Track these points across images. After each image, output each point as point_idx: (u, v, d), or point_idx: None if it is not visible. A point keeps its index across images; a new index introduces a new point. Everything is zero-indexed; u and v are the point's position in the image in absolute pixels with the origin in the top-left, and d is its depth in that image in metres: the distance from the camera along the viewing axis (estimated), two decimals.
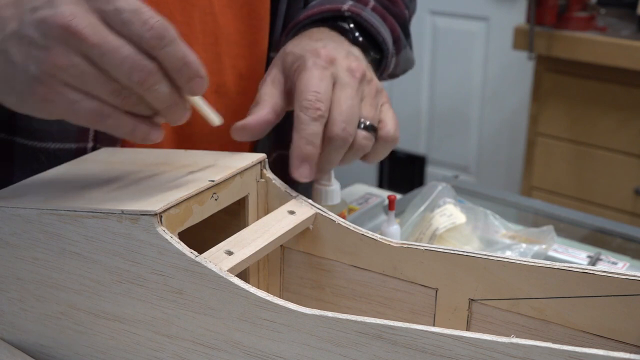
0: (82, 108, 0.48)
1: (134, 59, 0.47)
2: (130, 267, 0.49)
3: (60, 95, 0.48)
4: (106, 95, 0.48)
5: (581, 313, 0.46)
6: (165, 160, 0.58)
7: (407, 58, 0.81)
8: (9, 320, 0.57)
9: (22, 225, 0.52)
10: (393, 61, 0.76)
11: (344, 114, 0.60)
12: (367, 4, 0.75)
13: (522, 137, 2.28)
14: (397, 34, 0.78)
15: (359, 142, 0.62)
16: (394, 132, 0.66)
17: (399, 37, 0.78)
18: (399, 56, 0.78)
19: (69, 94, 0.48)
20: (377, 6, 0.77)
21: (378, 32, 0.72)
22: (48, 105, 0.48)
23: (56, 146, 0.68)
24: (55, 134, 0.67)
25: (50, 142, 0.68)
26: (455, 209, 0.78)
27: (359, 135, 0.62)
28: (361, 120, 0.63)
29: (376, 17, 0.74)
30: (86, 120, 0.49)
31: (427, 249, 0.51)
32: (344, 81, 0.62)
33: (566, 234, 0.89)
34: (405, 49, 0.80)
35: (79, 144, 0.68)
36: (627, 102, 1.78)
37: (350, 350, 0.42)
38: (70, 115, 0.49)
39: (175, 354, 0.49)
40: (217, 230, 0.56)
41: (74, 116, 0.49)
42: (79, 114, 0.48)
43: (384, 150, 0.66)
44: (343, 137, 0.60)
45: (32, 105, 0.49)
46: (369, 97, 0.65)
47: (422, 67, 2.56)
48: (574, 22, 1.81)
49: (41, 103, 0.48)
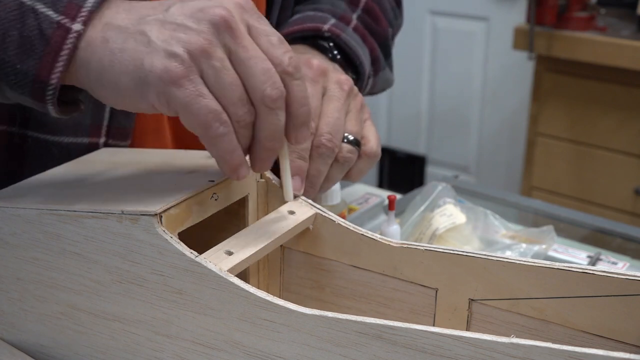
0: (205, 105, 0.46)
1: (273, 74, 0.47)
2: (130, 267, 0.49)
3: (191, 83, 0.45)
4: (231, 103, 0.46)
5: (581, 313, 0.46)
6: (165, 160, 0.58)
7: (385, 79, 0.82)
8: (9, 320, 0.57)
9: (22, 225, 0.52)
10: (370, 82, 0.77)
11: (330, 125, 0.62)
12: (350, 22, 0.77)
13: (522, 137, 2.28)
14: (377, 54, 0.79)
15: (344, 155, 0.64)
16: (377, 149, 0.67)
17: (377, 58, 0.79)
18: (377, 77, 0.79)
19: (200, 85, 0.46)
20: (359, 25, 0.78)
21: (356, 55, 0.74)
22: (172, 89, 0.45)
23: (69, 140, 0.68)
24: (68, 128, 0.68)
25: (63, 136, 0.68)
26: (455, 209, 0.78)
27: (343, 148, 0.64)
28: (345, 135, 0.64)
29: (356, 37, 0.76)
30: (199, 119, 0.46)
31: (427, 249, 0.51)
32: (332, 93, 0.64)
33: (566, 234, 0.89)
34: (384, 70, 0.81)
35: (92, 139, 0.68)
36: (627, 102, 1.79)
37: (350, 350, 0.42)
38: (187, 108, 0.46)
39: (175, 354, 0.49)
40: (217, 230, 0.56)
41: (190, 110, 0.46)
42: (198, 109, 0.46)
43: (366, 166, 0.67)
44: (329, 147, 0.61)
45: (141, 93, 0.46)
46: (354, 111, 0.66)
47: (422, 67, 2.56)
48: (574, 22, 1.81)
49: (167, 86, 0.45)
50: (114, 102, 0.49)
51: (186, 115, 0.46)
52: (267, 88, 0.47)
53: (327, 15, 0.76)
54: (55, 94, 0.48)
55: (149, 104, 0.47)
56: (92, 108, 0.67)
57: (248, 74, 0.47)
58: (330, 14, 0.77)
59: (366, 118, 0.68)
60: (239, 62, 0.47)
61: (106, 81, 0.47)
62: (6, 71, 0.48)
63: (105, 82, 0.47)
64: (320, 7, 0.79)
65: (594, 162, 1.87)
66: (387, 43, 0.82)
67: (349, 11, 0.79)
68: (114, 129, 0.68)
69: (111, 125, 0.68)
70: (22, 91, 0.49)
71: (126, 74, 0.46)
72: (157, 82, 0.45)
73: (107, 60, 0.47)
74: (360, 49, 0.75)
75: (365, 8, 0.80)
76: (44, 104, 0.49)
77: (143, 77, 0.46)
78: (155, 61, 0.45)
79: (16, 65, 0.48)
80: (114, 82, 0.47)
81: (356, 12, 0.79)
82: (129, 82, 0.46)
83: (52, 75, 0.48)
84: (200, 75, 0.46)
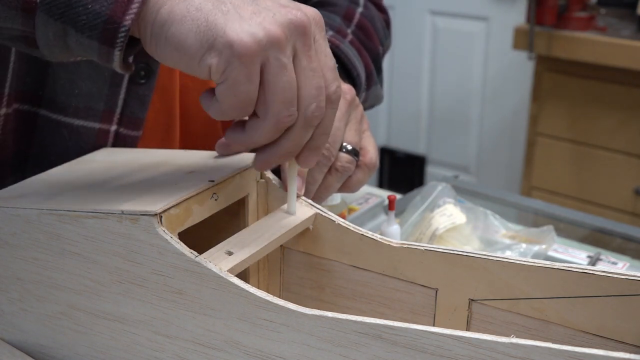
0: (248, 91, 0.46)
1: (322, 93, 0.48)
2: (130, 267, 0.49)
3: (252, 66, 0.45)
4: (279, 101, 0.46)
5: (581, 313, 0.46)
6: (165, 160, 0.58)
7: (376, 94, 0.83)
8: (9, 320, 0.57)
9: (22, 225, 0.52)
10: (362, 96, 0.77)
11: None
12: (346, 36, 0.77)
13: (522, 137, 2.28)
14: (370, 69, 0.80)
15: (342, 164, 0.64)
16: (376, 160, 0.68)
17: (371, 73, 0.80)
18: (369, 91, 0.80)
19: (255, 73, 0.45)
20: (355, 40, 0.79)
21: (353, 66, 0.74)
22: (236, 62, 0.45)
23: (80, 123, 0.68)
24: (81, 110, 0.67)
25: (75, 118, 0.68)
26: (455, 209, 0.78)
27: (342, 158, 0.64)
28: (344, 144, 0.64)
29: (353, 50, 0.77)
30: (236, 101, 0.46)
31: (427, 249, 0.51)
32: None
33: (566, 234, 0.89)
34: (375, 85, 0.82)
35: (103, 125, 0.68)
36: (627, 102, 1.78)
37: (350, 350, 0.42)
38: (236, 85, 0.46)
39: (175, 354, 0.49)
40: (217, 230, 0.56)
41: (237, 88, 0.46)
42: (240, 92, 0.46)
43: (365, 177, 0.67)
44: (326, 155, 0.62)
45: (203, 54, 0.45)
46: (355, 121, 0.67)
47: (422, 67, 2.56)
48: (574, 22, 1.81)
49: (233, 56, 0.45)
50: (168, 57, 0.47)
51: (229, 91, 0.46)
52: (314, 104, 0.47)
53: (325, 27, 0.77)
54: (126, 38, 0.47)
55: (205, 67, 0.46)
56: (106, 93, 0.67)
57: (302, 83, 0.47)
58: (328, 26, 0.77)
59: (365, 129, 0.69)
60: (300, 68, 0.47)
61: (170, 34, 0.46)
62: (77, 11, 0.47)
63: (169, 35, 0.46)
64: None
65: (594, 162, 1.87)
66: (379, 59, 0.83)
67: (344, 26, 0.80)
68: (126, 117, 0.68)
69: (124, 113, 0.68)
70: (91, 33, 0.47)
71: (196, 33, 0.45)
72: (225, 49, 0.45)
73: (179, 13, 0.46)
74: (357, 61, 0.76)
75: (358, 25, 0.82)
76: (111, 50, 0.47)
77: (212, 40, 0.45)
78: (230, 29, 0.45)
79: (88, 5, 0.46)
80: (178, 37, 0.46)
81: (350, 27, 0.80)
82: (194, 41, 0.45)
83: (126, 16, 0.46)
84: (262, 63, 0.46)
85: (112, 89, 0.66)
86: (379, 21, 0.86)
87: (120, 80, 0.68)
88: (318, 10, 0.49)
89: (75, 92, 0.67)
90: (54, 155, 0.68)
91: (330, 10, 0.82)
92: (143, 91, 0.68)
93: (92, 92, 0.67)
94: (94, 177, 0.57)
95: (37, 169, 0.66)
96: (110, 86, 0.60)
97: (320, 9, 0.82)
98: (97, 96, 0.67)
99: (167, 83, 0.72)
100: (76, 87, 0.67)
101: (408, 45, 2.55)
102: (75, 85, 0.67)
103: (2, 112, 0.66)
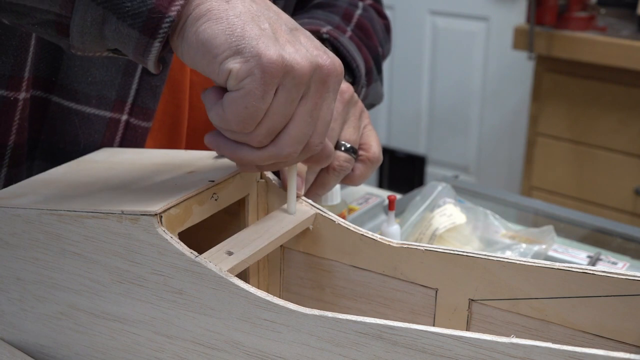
0: (258, 109, 0.46)
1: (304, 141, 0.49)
2: (130, 267, 0.49)
3: (269, 85, 0.45)
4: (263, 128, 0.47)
5: (581, 313, 0.46)
6: (165, 160, 0.58)
7: (376, 92, 0.83)
8: (9, 320, 0.57)
9: (22, 225, 0.52)
10: (363, 92, 0.77)
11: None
12: (345, 32, 0.78)
13: (522, 137, 2.28)
14: (370, 66, 0.80)
15: (340, 163, 0.64)
16: (379, 154, 0.68)
17: (371, 69, 0.80)
18: (369, 88, 0.80)
19: (270, 93, 0.46)
20: (354, 36, 0.79)
21: (353, 58, 0.74)
22: (257, 73, 0.45)
23: (92, 111, 0.68)
24: (93, 98, 0.67)
25: (86, 106, 0.67)
26: (455, 209, 0.78)
27: (339, 157, 0.64)
28: (342, 143, 0.65)
29: (353, 45, 0.77)
30: (244, 114, 0.46)
31: (427, 249, 0.51)
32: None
33: (566, 234, 0.89)
34: (376, 82, 0.82)
35: (114, 114, 0.68)
36: (627, 102, 1.78)
37: (350, 350, 0.42)
38: (244, 97, 0.45)
39: (175, 354, 0.49)
40: (217, 230, 0.56)
41: (244, 100, 0.45)
42: (251, 106, 0.46)
43: (369, 171, 0.68)
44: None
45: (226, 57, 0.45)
46: (354, 118, 0.67)
47: (422, 67, 2.56)
48: (574, 22, 1.81)
49: (257, 67, 0.45)
50: (192, 51, 0.46)
51: (240, 100, 0.46)
52: (289, 150, 0.48)
53: (324, 22, 0.77)
54: (169, 30, 0.46)
55: (225, 70, 0.45)
56: (119, 82, 0.67)
57: (294, 124, 0.48)
58: (326, 22, 0.78)
59: (366, 124, 0.69)
60: (302, 108, 0.48)
61: (202, 29, 0.45)
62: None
63: (201, 30, 0.45)
64: (316, 16, 0.80)
65: (594, 162, 1.87)
66: (379, 58, 0.83)
67: (343, 24, 0.80)
68: (137, 107, 0.68)
69: (135, 103, 0.68)
70: (133, 22, 0.46)
71: (228, 35, 0.45)
72: (252, 57, 0.45)
73: (217, 14, 0.45)
74: (356, 55, 0.76)
75: (357, 24, 0.82)
76: (151, 41, 0.46)
77: (241, 46, 0.45)
78: (263, 43, 0.45)
79: None
80: (209, 33, 0.45)
81: (349, 26, 0.81)
82: (223, 41, 0.45)
83: (172, 7, 0.45)
84: (279, 84, 0.46)
85: (125, 78, 0.66)
86: (379, 24, 0.87)
87: (134, 69, 0.68)
88: (319, 13, 0.50)
89: (89, 79, 0.67)
90: (62, 143, 0.68)
91: (329, 10, 0.82)
92: (155, 82, 0.68)
93: (104, 80, 0.67)
94: (94, 177, 0.57)
95: (45, 156, 0.65)
96: (123, 75, 0.59)
97: (320, 10, 0.82)
98: (109, 84, 0.67)
99: (178, 76, 0.72)
100: (89, 75, 0.67)
101: (408, 45, 2.55)
102: (88, 73, 0.67)
103: (22, 97, 0.65)
